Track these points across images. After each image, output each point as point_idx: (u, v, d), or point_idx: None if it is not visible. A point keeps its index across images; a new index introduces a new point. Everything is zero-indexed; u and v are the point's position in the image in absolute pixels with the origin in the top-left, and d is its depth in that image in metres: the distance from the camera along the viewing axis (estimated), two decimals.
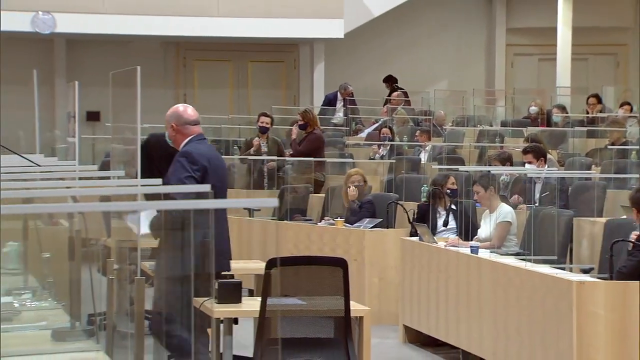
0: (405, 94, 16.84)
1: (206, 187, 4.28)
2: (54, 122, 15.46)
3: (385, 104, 16.35)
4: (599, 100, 15.32)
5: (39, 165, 4.69)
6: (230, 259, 6.64)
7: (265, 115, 12.68)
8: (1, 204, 3.41)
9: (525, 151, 9.88)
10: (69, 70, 16.83)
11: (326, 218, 10.17)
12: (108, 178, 4.88)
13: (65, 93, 15.54)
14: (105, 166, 9.76)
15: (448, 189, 9.19)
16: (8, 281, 5.10)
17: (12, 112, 13.73)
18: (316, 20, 16.35)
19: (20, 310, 4.66)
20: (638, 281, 6.21)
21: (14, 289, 4.94)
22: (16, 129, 11.27)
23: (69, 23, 15.57)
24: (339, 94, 16.59)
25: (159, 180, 4.10)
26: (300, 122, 12.43)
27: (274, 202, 2.62)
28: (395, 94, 16.76)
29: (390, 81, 17.47)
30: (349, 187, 9.92)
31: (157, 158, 10.11)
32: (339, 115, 16.47)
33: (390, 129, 14.08)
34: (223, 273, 6.44)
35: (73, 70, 16.71)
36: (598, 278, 6.57)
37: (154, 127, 14.26)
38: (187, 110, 6.62)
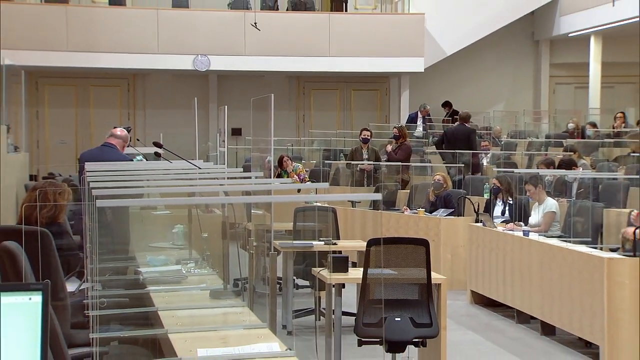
0: (457, 113, 16.73)
1: (324, 185, 4.29)
2: (208, 136, 15.72)
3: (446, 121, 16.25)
4: (624, 116, 15.04)
5: (200, 168, 4.74)
6: None
7: (366, 129, 12.66)
8: (172, 197, 3.45)
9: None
10: (219, 98, 17.07)
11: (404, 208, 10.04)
12: (249, 178, 4.91)
13: (216, 115, 15.78)
14: (246, 169, 9.87)
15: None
16: (177, 254, 5.18)
17: (179, 129, 14.01)
18: (403, 58, 16.25)
19: (187, 276, 4.72)
20: None
21: (182, 259, 5.01)
22: (181, 142, 11.50)
23: (219, 62, 15.80)
24: (419, 112, 16.46)
25: (289, 180, 4.12)
26: (395, 134, 12.47)
27: (378, 196, 2.60)
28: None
29: (448, 106, 17.35)
30: (434, 181, 9.77)
31: (459, 141, 11.48)
32: (419, 130, 16.33)
33: None
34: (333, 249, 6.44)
35: (222, 97, 16.95)
36: (623, 255, 6.38)
37: (282, 139, 14.46)
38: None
